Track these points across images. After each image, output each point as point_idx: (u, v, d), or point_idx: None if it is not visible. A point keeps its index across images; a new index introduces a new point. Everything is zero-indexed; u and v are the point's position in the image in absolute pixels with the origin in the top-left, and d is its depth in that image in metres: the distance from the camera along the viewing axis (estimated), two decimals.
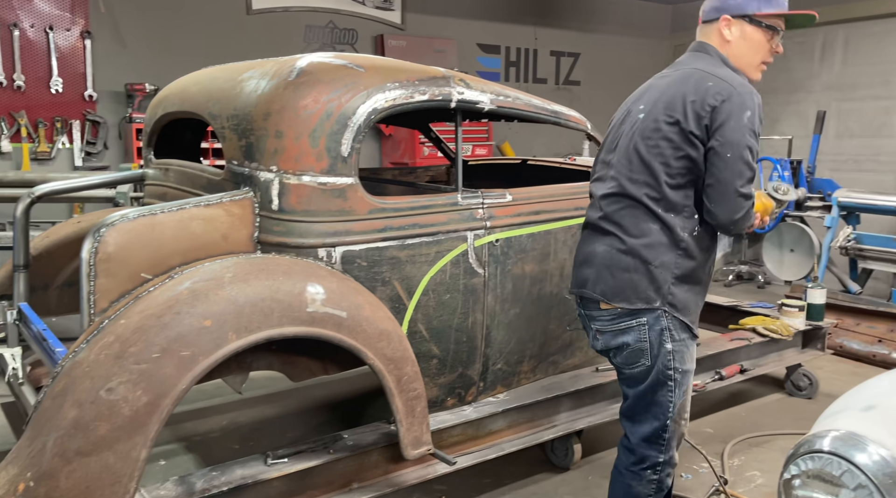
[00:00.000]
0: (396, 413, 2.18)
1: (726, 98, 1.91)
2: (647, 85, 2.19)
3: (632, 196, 2.03)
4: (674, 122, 1.97)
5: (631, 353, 2.07)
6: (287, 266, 2.04)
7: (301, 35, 5.54)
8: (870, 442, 1.10)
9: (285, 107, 2.17)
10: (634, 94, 2.23)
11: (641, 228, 2.02)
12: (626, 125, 2.13)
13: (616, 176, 2.09)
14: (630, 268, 2.01)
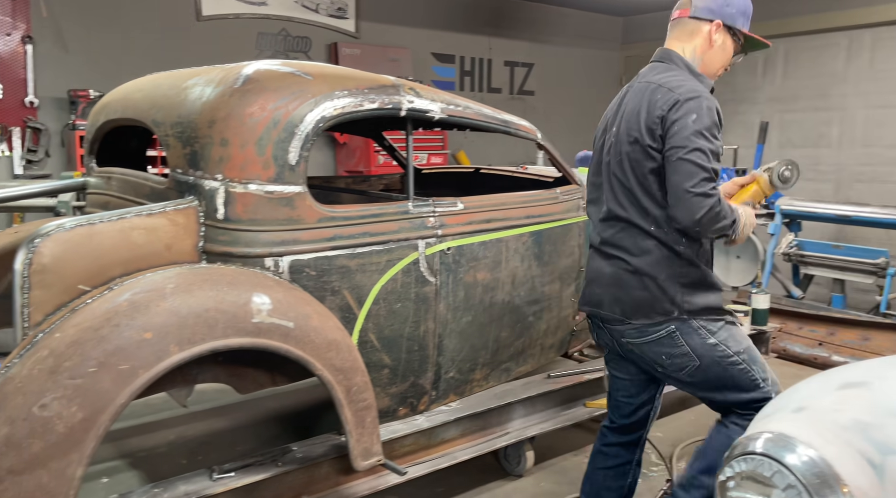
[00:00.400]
0: (346, 424, 2.15)
1: (672, 105, 1.96)
2: (615, 103, 2.24)
3: (623, 218, 2.09)
4: (634, 141, 2.04)
5: (674, 360, 2.08)
6: (232, 276, 2.00)
7: (253, 42, 5.48)
8: (799, 443, 1.13)
9: (231, 114, 2.13)
10: (606, 113, 2.28)
11: (641, 247, 2.06)
12: (604, 150, 2.20)
13: (605, 200, 2.16)
14: (641, 286, 2.06)
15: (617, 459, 2.36)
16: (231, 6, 5.31)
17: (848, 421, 1.16)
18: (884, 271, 4.84)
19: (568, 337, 3.37)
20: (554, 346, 3.30)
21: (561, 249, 3.16)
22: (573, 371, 3.22)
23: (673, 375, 2.13)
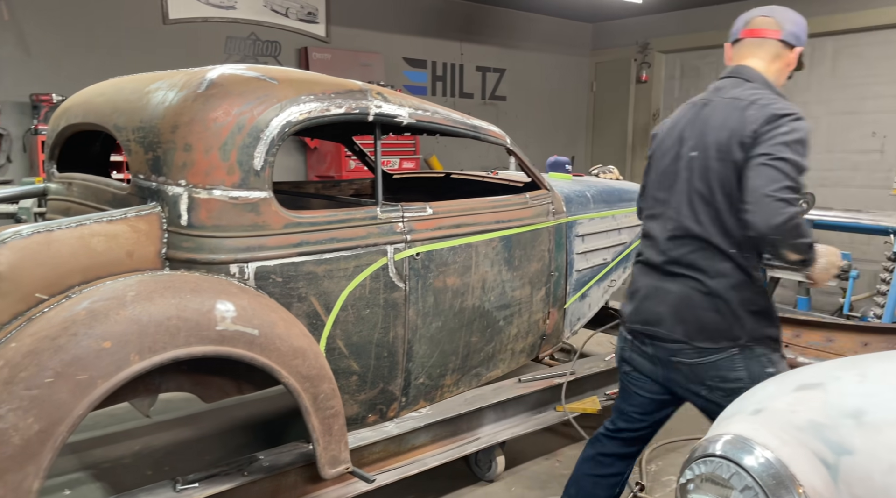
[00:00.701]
0: (313, 432, 2.13)
1: (766, 120, 1.91)
2: (686, 116, 2.15)
3: (701, 238, 2.01)
4: (724, 158, 1.97)
5: (728, 384, 2.00)
6: (196, 283, 1.97)
7: (222, 47, 5.42)
8: (756, 445, 1.14)
9: (194, 119, 2.10)
10: (674, 125, 2.19)
11: (718, 269, 1.99)
12: (680, 164, 2.09)
13: (678, 217, 2.07)
14: (713, 309, 1.99)
15: (611, 468, 2.30)
16: (199, 10, 5.26)
17: (803, 422, 1.18)
18: (846, 274, 4.94)
19: (539, 341, 3.38)
20: (525, 350, 3.31)
21: (531, 253, 3.17)
22: (544, 375, 3.23)
23: (716, 398, 2.03)
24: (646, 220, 2.22)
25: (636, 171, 7.81)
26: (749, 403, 1.31)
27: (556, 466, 3.15)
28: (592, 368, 3.36)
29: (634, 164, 7.86)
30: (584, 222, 3.60)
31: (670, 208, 2.10)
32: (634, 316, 2.18)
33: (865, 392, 1.22)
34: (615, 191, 3.95)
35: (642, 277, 2.18)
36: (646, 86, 7.62)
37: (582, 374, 3.29)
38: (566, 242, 3.45)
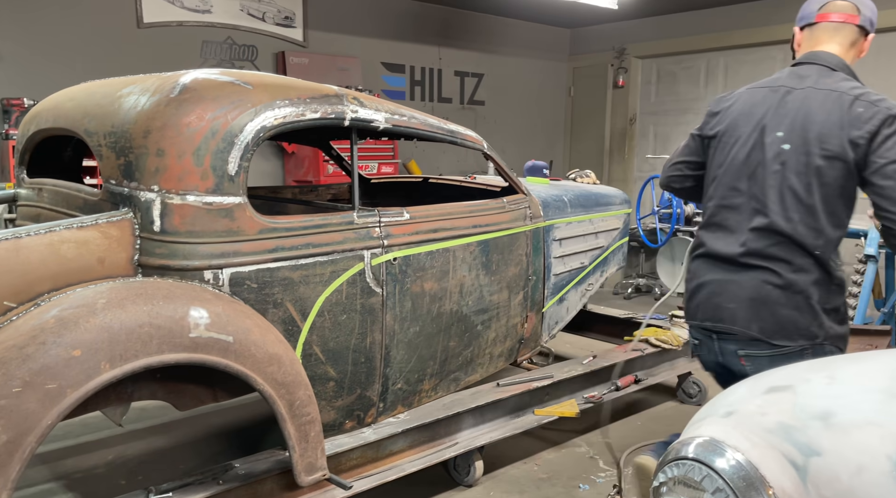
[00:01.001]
0: (289, 439, 2.11)
1: (884, 121, 1.86)
2: (766, 103, 2.05)
3: (787, 233, 1.95)
4: (833, 156, 1.90)
5: None
6: (168, 290, 1.94)
7: (197, 51, 5.38)
8: (727, 447, 1.16)
9: (167, 124, 2.08)
10: (748, 111, 2.08)
11: (799, 264, 1.95)
12: (767, 153, 2.00)
13: (763, 210, 2.00)
14: (791, 304, 1.94)
15: None
16: (174, 13, 5.21)
17: (773, 424, 1.20)
18: None
19: (517, 345, 3.39)
20: (503, 354, 3.32)
21: (508, 257, 3.18)
22: (522, 379, 3.23)
23: None
24: (720, 209, 2.10)
25: (614, 176, 7.87)
26: (721, 406, 1.32)
27: (534, 470, 3.16)
28: (571, 372, 3.37)
29: (612, 169, 7.92)
30: (561, 226, 3.62)
31: (753, 200, 2.01)
32: (703, 313, 2.09)
33: (834, 394, 1.23)
34: (592, 195, 3.98)
35: (708, 270, 2.09)
36: (623, 91, 7.69)
37: (560, 377, 3.30)
38: (544, 247, 3.46)
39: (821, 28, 2.11)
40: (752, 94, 2.11)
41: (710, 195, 2.15)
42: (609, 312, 4.44)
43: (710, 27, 6.82)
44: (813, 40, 2.12)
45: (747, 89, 2.15)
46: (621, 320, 4.29)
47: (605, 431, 3.60)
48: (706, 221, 2.15)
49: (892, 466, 1.05)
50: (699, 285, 2.12)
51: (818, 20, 2.11)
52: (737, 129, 2.09)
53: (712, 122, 2.17)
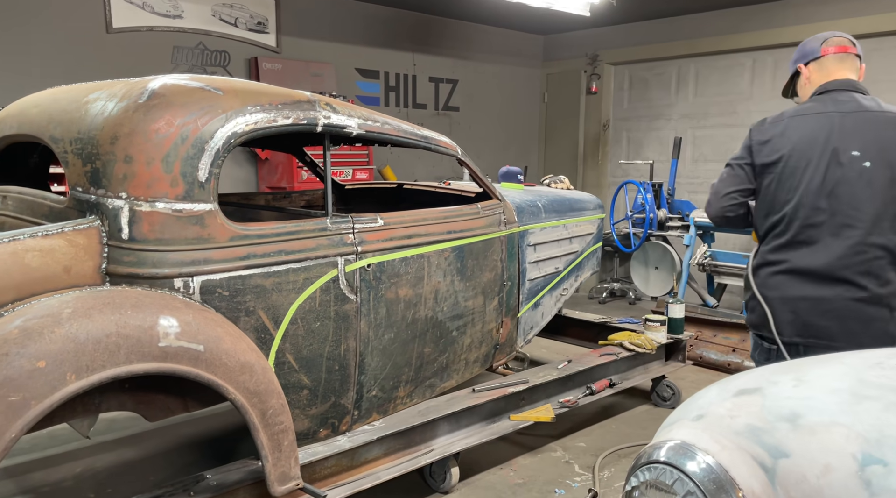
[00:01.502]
0: (262, 449, 2.09)
1: None
2: (828, 126, 2.22)
3: (882, 246, 2.09)
4: None
5: None
6: (137, 298, 1.91)
7: (168, 56, 5.31)
8: (698, 451, 1.17)
9: (135, 130, 2.05)
10: (811, 136, 2.23)
11: (888, 277, 2.08)
12: (848, 172, 2.15)
13: (853, 225, 2.12)
14: (877, 317, 2.07)
15: None
16: (144, 18, 5.14)
17: (742, 427, 1.21)
18: None
19: (492, 351, 3.39)
20: (478, 360, 3.32)
21: (483, 263, 3.18)
22: (498, 385, 3.23)
23: None
24: (801, 228, 2.21)
25: (588, 181, 7.93)
26: (691, 409, 1.33)
27: (510, 476, 3.16)
28: (546, 377, 3.38)
29: (586, 174, 7.98)
30: (535, 232, 3.64)
31: (838, 216, 2.14)
32: (794, 329, 2.19)
33: (801, 395, 1.25)
34: (566, 200, 4.00)
35: (795, 286, 2.19)
36: (596, 97, 7.76)
37: (535, 382, 3.31)
38: (518, 252, 3.47)
39: (828, 60, 2.33)
40: (804, 121, 2.27)
41: (790, 216, 2.24)
42: (584, 316, 4.47)
43: (680, 34, 6.92)
44: (824, 71, 2.34)
45: (792, 117, 2.30)
46: (596, 325, 4.31)
47: (581, 436, 3.61)
48: (789, 240, 2.23)
49: (857, 465, 1.07)
50: (785, 300, 2.22)
51: (823, 54, 2.34)
52: (804, 153, 2.22)
53: (765, 150, 2.29)
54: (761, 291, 2.27)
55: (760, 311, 2.26)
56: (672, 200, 6.25)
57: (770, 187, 2.28)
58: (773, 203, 2.28)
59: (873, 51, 5.79)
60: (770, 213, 2.29)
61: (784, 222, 2.25)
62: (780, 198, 2.26)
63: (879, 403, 1.16)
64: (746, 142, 2.37)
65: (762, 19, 6.33)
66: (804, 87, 2.41)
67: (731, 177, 2.38)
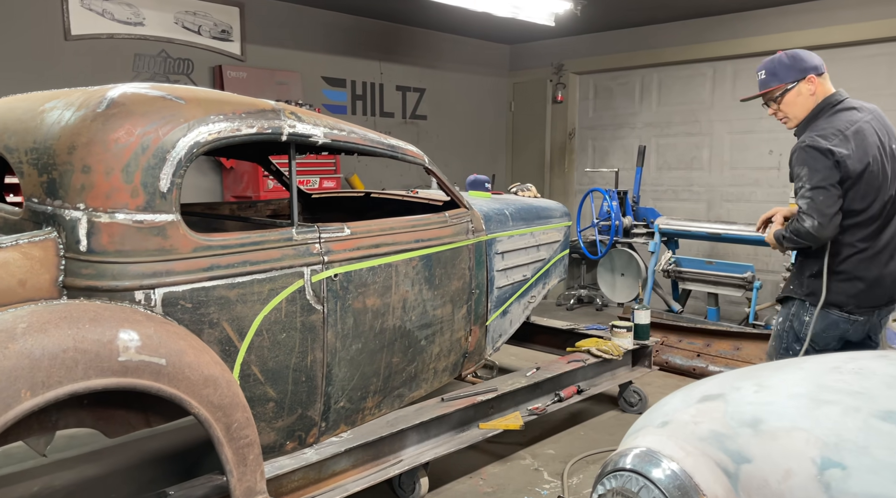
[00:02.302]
0: (226, 463, 2.05)
1: None
2: (873, 127, 2.62)
3: None
4: None
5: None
6: (95, 312, 1.86)
7: (130, 64, 5.22)
8: (663, 457, 1.18)
9: (93, 140, 2.00)
10: (873, 137, 2.60)
11: None
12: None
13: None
14: None
15: None
16: (104, 26, 5.04)
17: (706, 433, 1.22)
18: (751, 285, 5.21)
19: (461, 359, 3.39)
20: (447, 369, 3.31)
21: (451, 271, 3.18)
22: (466, 393, 3.23)
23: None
24: (882, 222, 2.63)
25: (554, 189, 8.00)
26: (656, 416, 1.34)
27: (479, 485, 3.15)
28: (514, 384, 3.39)
29: (553, 182, 8.05)
30: (503, 240, 3.65)
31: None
32: (872, 300, 2.66)
33: (762, 401, 1.27)
34: (533, 208, 4.03)
35: (878, 265, 2.65)
36: (561, 106, 7.84)
37: (504, 390, 3.31)
38: (486, 260, 3.48)
39: (826, 75, 2.72)
40: (864, 130, 2.59)
41: (878, 212, 2.60)
42: (552, 323, 4.49)
43: (643, 45, 7.04)
44: (827, 86, 2.70)
45: (854, 128, 2.58)
46: (564, 331, 4.34)
47: (549, 443, 3.62)
48: (877, 229, 2.62)
49: (817, 469, 1.09)
50: (869, 280, 2.63)
51: (825, 70, 2.71)
52: (877, 159, 2.58)
53: (848, 166, 2.52)
54: (857, 273, 2.61)
55: (849, 284, 2.62)
56: (637, 208, 6.34)
57: (853, 193, 2.56)
58: (854, 205, 2.57)
59: (827, 62, 5.96)
60: (848, 214, 2.58)
61: (869, 217, 2.59)
62: (867, 199, 2.58)
63: (838, 408, 1.18)
64: (831, 162, 2.52)
65: (722, 30, 6.47)
66: (805, 100, 2.65)
67: (829, 197, 2.53)
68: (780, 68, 2.67)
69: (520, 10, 5.33)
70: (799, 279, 2.76)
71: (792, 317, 2.76)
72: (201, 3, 5.51)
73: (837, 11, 5.78)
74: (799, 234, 2.59)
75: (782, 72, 2.66)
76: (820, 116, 2.62)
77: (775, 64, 2.69)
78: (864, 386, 1.25)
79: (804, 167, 2.54)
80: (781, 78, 2.66)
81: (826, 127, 2.56)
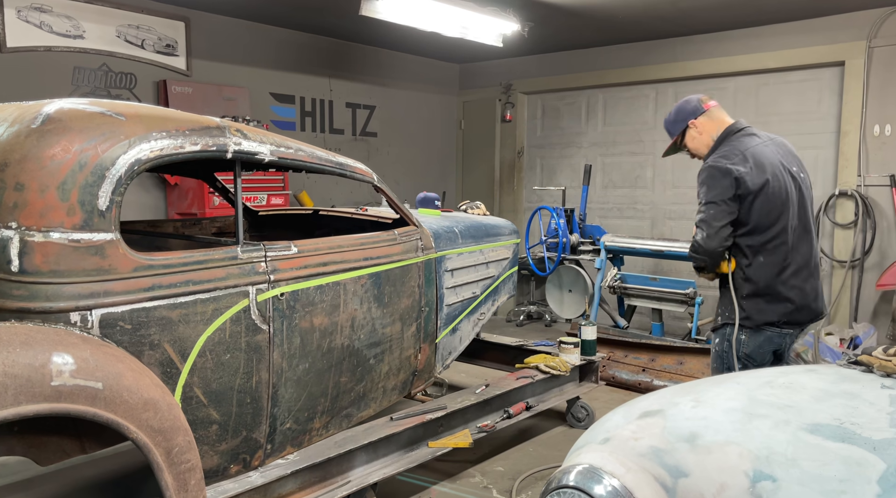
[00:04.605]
0: (166, 490, 1.99)
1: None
2: (773, 152, 2.83)
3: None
4: (810, 185, 2.94)
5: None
6: (27, 335, 1.79)
7: (69, 78, 5.07)
8: (605, 474, 1.20)
9: (27, 156, 1.94)
10: (773, 157, 2.81)
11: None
12: (801, 184, 2.85)
13: (810, 230, 2.87)
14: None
15: None
16: (41, 38, 4.89)
17: (645, 448, 1.25)
18: (693, 300, 5.36)
19: (411, 377, 3.37)
20: (396, 387, 3.29)
21: (401, 289, 3.18)
22: (416, 412, 3.21)
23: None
24: (790, 235, 2.79)
25: (504, 207, 8.09)
26: (598, 432, 1.37)
27: None
28: (464, 402, 3.39)
29: (502, 200, 8.14)
30: (452, 257, 3.67)
31: (804, 223, 2.87)
32: (806, 315, 2.84)
33: (699, 416, 1.31)
34: (482, 226, 4.07)
35: (800, 279, 2.82)
36: (510, 125, 7.96)
37: (454, 408, 3.31)
38: (436, 277, 3.49)
39: (714, 111, 2.96)
40: (762, 151, 2.81)
41: (782, 229, 2.75)
42: (501, 339, 4.52)
43: (588, 66, 7.22)
44: (716, 120, 2.94)
45: (750, 150, 2.79)
46: (513, 348, 4.38)
47: (499, 460, 3.63)
48: (783, 246, 2.76)
49: (749, 482, 1.12)
50: (804, 292, 2.80)
51: (707, 107, 2.97)
52: (778, 176, 2.76)
53: (747, 181, 2.71)
54: (780, 290, 2.76)
55: (779, 305, 2.77)
56: (584, 225, 6.46)
57: (756, 209, 2.72)
58: (761, 221, 2.74)
59: (762, 86, 6.23)
60: (756, 231, 2.75)
61: (776, 235, 2.75)
62: (772, 215, 2.74)
63: (769, 421, 1.23)
64: (729, 179, 2.72)
65: (664, 54, 6.70)
66: (699, 137, 2.96)
67: (721, 212, 2.72)
68: (669, 124, 3.07)
69: (468, 30, 5.40)
70: (726, 306, 2.92)
71: (728, 336, 2.88)
72: (145, 16, 5.41)
73: (771, 38, 6.05)
74: (694, 249, 2.83)
75: (671, 126, 3.06)
76: (723, 143, 2.87)
77: (667, 121, 3.09)
78: (794, 400, 1.30)
79: (703, 186, 2.78)
80: (673, 131, 3.05)
81: (727, 150, 2.81)
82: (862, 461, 1.10)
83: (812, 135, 5.94)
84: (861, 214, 5.61)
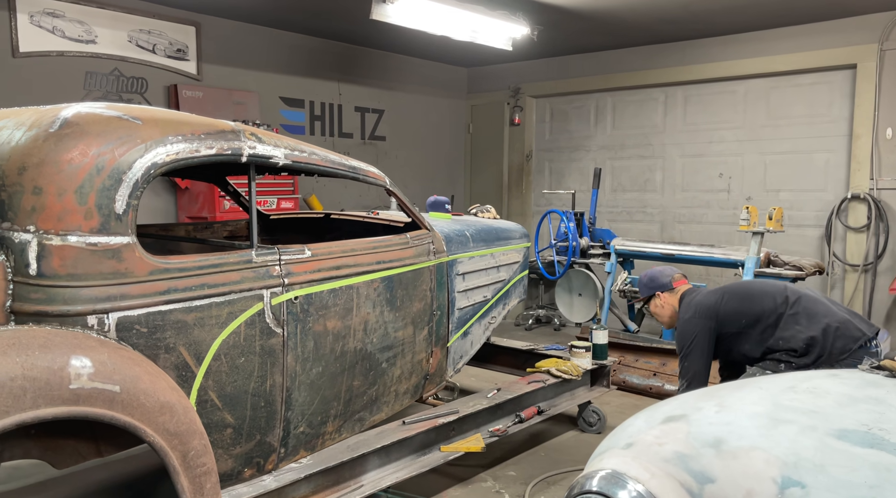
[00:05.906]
0: (182, 493, 1.98)
1: None
2: (708, 294, 3.28)
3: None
4: None
5: None
6: (45, 338, 1.80)
7: (81, 82, 5.10)
8: (629, 479, 1.19)
9: (45, 160, 1.95)
10: (708, 297, 3.29)
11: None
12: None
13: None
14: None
15: None
16: (54, 43, 4.92)
17: (670, 454, 1.24)
18: None
19: (422, 381, 3.37)
20: (408, 391, 3.28)
21: (413, 293, 3.17)
22: (428, 416, 3.21)
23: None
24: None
25: (512, 210, 8.08)
26: (621, 438, 1.36)
27: None
28: (476, 406, 3.38)
29: (511, 203, 8.14)
30: (464, 261, 3.66)
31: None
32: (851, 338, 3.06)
33: (723, 421, 1.30)
34: (493, 230, 4.06)
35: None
36: (519, 128, 7.96)
37: (465, 412, 3.30)
38: (447, 281, 3.48)
39: (679, 288, 3.44)
40: (732, 299, 3.21)
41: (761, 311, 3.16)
42: (511, 343, 4.51)
43: (597, 69, 7.21)
44: (677, 294, 3.42)
45: (718, 302, 3.23)
46: (524, 352, 4.36)
47: (510, 465, 3.62)
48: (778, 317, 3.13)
49: (777, 489, 1.11)
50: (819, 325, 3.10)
51: (675, 285, 3.45)
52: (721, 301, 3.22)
53: (718, 319, 3.19)
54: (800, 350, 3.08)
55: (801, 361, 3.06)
56: (593, 229, 6.44)
57: (732, 340, 3.18)
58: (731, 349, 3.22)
59: (772, 89, 6.21)
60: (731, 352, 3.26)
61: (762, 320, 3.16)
62: (740, 318, 3.17)
63: (794, 426, 1.22)
64: (709, 323, 3.16)
65: (673, 57, 6.68)
66: (664, 307, 3.44)
67: (701, 353, 3.18)
68: (641, 285, 3.52)
69: (478, 34, 5.40)
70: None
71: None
72: (156, 21, 5.43)
73: (782, 41, 6.03)
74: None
75: (643, 288, 3.51)
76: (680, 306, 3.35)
77: (641, 281, 3.53)
78: (819, 405, 1.29)
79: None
80: (643, 292, 3.52)
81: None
82: (892, 467, 1.09)
83: (823, 138, 5.92)
84: (874, 218, 5.58)
